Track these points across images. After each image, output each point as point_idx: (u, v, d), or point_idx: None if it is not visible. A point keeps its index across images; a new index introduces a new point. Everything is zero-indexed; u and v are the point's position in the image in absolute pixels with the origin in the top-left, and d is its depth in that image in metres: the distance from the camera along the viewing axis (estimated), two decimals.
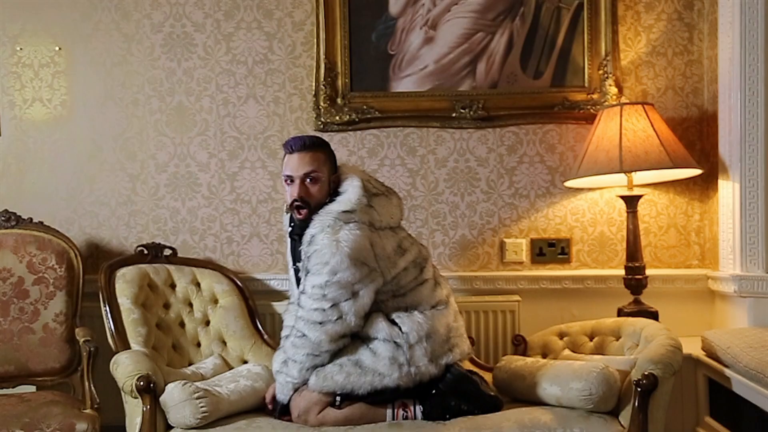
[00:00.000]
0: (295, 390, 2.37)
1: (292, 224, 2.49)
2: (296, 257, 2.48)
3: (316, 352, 2.31)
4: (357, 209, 2.32)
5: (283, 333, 2.51)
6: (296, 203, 2.39)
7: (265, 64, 3.27)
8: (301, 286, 2.38)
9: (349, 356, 2.32)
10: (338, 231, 2.26)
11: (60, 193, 3.30)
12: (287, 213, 2.49)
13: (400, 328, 2.35)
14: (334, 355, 2.33)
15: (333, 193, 2.40)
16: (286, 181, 2.44)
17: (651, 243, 3.21)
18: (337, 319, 2.29)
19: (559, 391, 2.37)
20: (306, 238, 2.34)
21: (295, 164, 2.40)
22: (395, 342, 2.31)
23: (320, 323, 2.29)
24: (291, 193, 2.41)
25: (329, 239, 2.26)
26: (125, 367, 2.40)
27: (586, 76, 3.20)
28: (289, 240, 2.56)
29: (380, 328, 2.34)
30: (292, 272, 2.56)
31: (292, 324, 2.41)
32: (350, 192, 2.36)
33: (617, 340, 2.67)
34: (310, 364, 2.32)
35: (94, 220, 3.29)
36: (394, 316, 2.39)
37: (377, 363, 2.30)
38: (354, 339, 2.37)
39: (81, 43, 3.30)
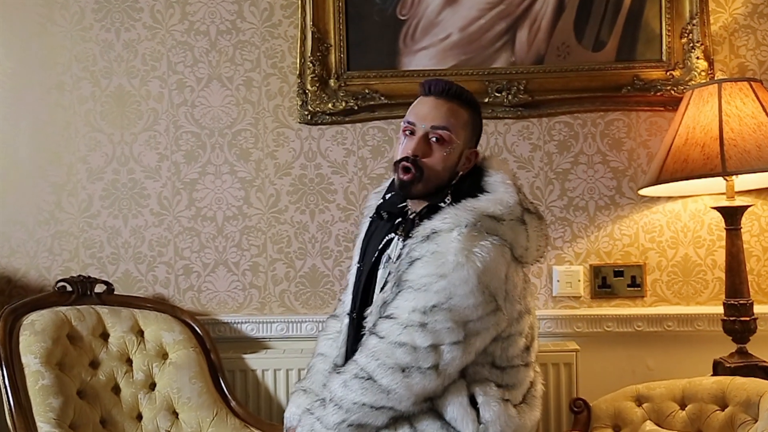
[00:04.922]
0: None
1: (385, 197, 2.23)
2: (366, 250, 2.19)
3: (378, 404, 1.91)
4: (507, 219, 2.01)
5: (314, 360, 2.27)
6: (404, 164, 2.08)
7: (234, 34, 3.07)
8: (385, 307, 1.99)
9: None
10: (476, 238, 1.94)
11: None
12: (388, 184, 2.27)
13: (479, 414, 1.95)
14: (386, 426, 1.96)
15: (475, 187, 2.10)
16: (404, 130, 2.14)
17: (752, 270, 2.94)
18: (429, 369, 1.89)
19: None
20: (423, 230, 2.00)
21: (425, 110, 2.10)
22: None
23: (403, 369, 1.89)
24: (404, 148, 2.11)
25: (460, 243, 1.92)
26: None
27: (665, 47, 2.98)
28: (367, 222, 2.28)
29: (453, 405, 1.95)
30: (354, 270, 2.27)
31: (335, 354, 2.15)
32: (502, 192, 2.06)
33: (722, 410, 2.40)
34: (359, 421, 1.92)
35: (4, 245, 3.09)
36: (478, 391, 1.99)
37: None
38: None
39: None
